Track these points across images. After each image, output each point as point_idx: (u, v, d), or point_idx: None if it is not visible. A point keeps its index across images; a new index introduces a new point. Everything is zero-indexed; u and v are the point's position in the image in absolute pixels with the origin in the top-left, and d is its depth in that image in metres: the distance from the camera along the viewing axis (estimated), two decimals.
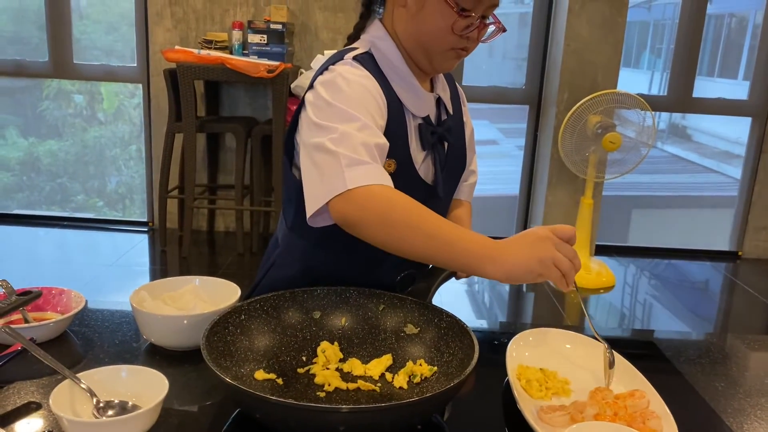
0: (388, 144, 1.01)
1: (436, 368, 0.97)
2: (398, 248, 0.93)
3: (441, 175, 1.16)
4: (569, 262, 0.87)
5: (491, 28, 1.10)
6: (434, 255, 0.92)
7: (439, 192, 1.16)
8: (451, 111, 1.20)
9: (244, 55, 3.67)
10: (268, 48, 3.64)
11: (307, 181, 0.99)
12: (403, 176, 1.10)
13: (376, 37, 1.12)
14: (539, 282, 0.89)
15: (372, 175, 0.94)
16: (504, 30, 1.11)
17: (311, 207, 0.97)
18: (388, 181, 0.95)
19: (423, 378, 0.97)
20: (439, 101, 1.18)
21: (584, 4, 3.68)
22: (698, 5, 3.97)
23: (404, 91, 1.11)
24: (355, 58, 1.09)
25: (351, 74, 1.05)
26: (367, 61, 1.10)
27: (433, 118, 1.16)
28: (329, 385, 0.95)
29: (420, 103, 1.13)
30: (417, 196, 1.11)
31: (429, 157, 1.15)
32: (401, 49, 1.12)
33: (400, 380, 0.97)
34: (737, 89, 4.34)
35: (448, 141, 1.17)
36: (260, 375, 0.95)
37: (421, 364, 0.99)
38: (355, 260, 1.15)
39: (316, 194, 0.96)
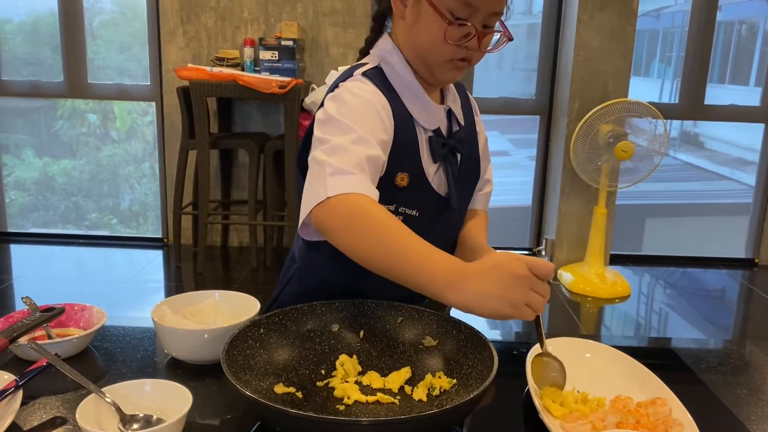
0: (383, 157, 1.01)
1: (455, 380, 0.98)
2: (361, 258, 0.90)
3: (454, 187, 1.16)
4: (543, 300, 0.82)
5: (497, 36, 1.08)
6: (393, 271, 0.88)
7: (452, 203, 1.16)
8: (462, 122, 1.20)
9: (255, 71, 3.71)
10: (280, 64, 3.67)
11: (303, 193, 1.00)
12: (417, 189, 1.11)
13: (384, 51, 1.13)
14: (514, 318, 0.83)
15: (353, 184, 0.92)
16: (511, 39, 1.08)
17: (300, 217, 0.97)
18: (371, 193, 0.93)
19: (442, 390, 0.97)
20: (450, 113, 1.18)
21: (593, 14, 3.69)
22: (708, 12, 3.97)
23: (414, 105, 1.11)
24: (364, 74, 1.10)
25: (357, 89, 1.06)
26: (376, 76, 1.10)
27: (444, 130, 1.15)
28: (348, 398, 0.95)
29: (430, 116, 1.13)
30: (431, 208, 1.12)
31: (441, 169, 1.15)
32: (407, 62, 1.12)
33: (419, 393, 0.97)
34: (749, 96, 4.32)
35: (460, 152, 1.17)
36: (280, 389, 0.95)
37: (440, 377, 0.99)
38: (371, 274, 1.16)
39: (304, 204, 0.96)
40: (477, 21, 1.03)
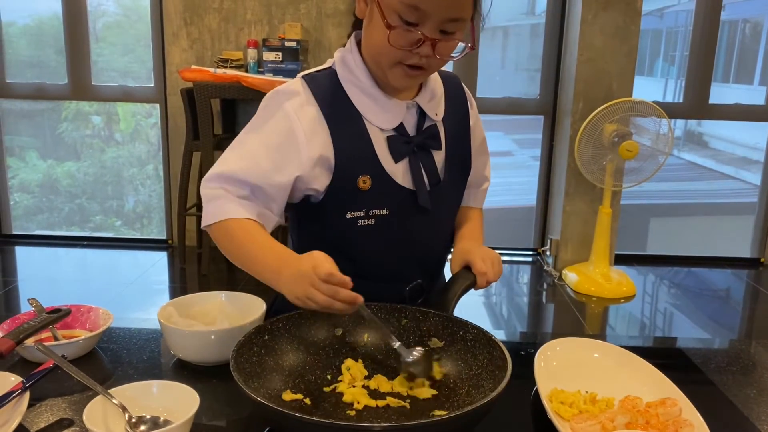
0: (253, 178, 1.03)
1: (446, 368, 0.99)
2: (238, 265, 1.03)
3: (425, 183, 1.12)
4: (327, 299, 0.88)
5: (461, 45, 1.02)
6: (253, 271, 1.00)
7: (420, 201, 1.11)
8: (438, 116, 1.14)
9: (259, 72, 3.71)
10: (283, 65, 3.67)
11: None
12: (382, 190, 1.09)
13: (345, 51, 1.12)
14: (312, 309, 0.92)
15: (218, 212, 1.02)
16: (472, 48, 1.03)
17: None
18: (233, 211, 1.01)
19: (443, 374, 0.98)
20: (419, 108, 1.12)
21: (597, 14, 3.68)
22: (712, 12, 3.96)
23: (365, 105, 1.08)
24: (304, 76, 1.10)
25: (287, 101, 1.06)
26: (319, 79, 1.09)
27: (411, 126, 1.12)
28: (358, 403, 0.94)
29: (387, 115, 1.09)
30: (402, 206, 1.11)
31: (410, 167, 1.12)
32: (364, 62, 1.09)
33: (423, 391, 0.96)
34: (754, 94, 4.31)
35: (432, 148, 1.13)
36: (288, 395, 0.94)
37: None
38: (360, 278, 1.15)
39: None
40: (430, 27, 0.97)
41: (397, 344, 0.98)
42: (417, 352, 0.98)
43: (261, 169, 1.04)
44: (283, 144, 1.05)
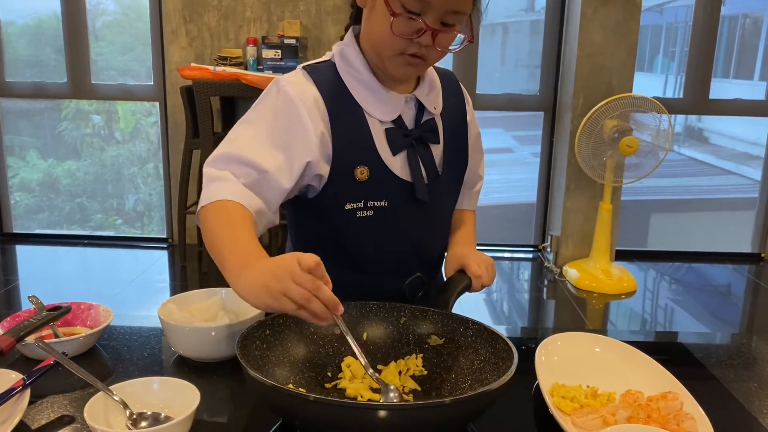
0: (262, 160, 1.01)
1: (426, 371, 0.99)
2: (209, 251, 0.96)
3: (423, 176, 1.13)
4: (305, 294, 0.79)
5: (460, 36, 1.03)
6: (218, 262, 0.92)
7: (418, 194, 1.12)
8: (437, 109, 1.15)
9: (258, 70, 3.70)
10: (283, 63, 3.67)
11: None
12: (379, 181, 1.09)
13: (344, 44, 1.12)
14: (278, 311, 0.83)
15: (217, 191, 0.98)
16: (471, 41, 1.04)
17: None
18: (231, 194, 0.98)
19: (416, 374, 0.98)
20: (418, 102, 1.13)
21: (597, 9, 3.67)
22: (712, 7, 3.95)
23: (365, 97, 1.09)
24: (305, 67, 1.11)
25: (288, 85, 1.06)
26: (319, 69, 1.10)
27: (409, 120, 1.13)
28: (361, 396, 0.94)
29: (385, 107, 1.10)
30: (401, 200, 1.12)
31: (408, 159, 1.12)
32: (362, 53, 1.10)
33: (406, 382, 0.97)
34: (754, 90, 4.30)
35: (430, 141, 1.14)
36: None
37: (416, 357, 1.00)
38: (360, 272, 1.16)
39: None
40: (432, 17, 1.00)
41: (370, 371, 0.91)
42: (393, 392, 0.92)
43: (268, 151, 1.03)
44: (290, 127, 1.05)
